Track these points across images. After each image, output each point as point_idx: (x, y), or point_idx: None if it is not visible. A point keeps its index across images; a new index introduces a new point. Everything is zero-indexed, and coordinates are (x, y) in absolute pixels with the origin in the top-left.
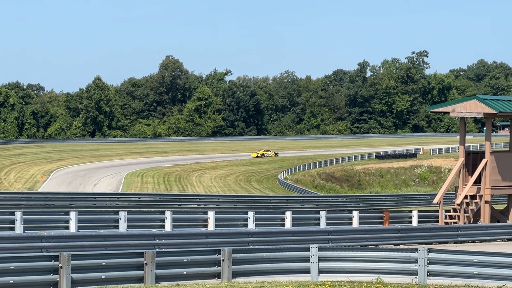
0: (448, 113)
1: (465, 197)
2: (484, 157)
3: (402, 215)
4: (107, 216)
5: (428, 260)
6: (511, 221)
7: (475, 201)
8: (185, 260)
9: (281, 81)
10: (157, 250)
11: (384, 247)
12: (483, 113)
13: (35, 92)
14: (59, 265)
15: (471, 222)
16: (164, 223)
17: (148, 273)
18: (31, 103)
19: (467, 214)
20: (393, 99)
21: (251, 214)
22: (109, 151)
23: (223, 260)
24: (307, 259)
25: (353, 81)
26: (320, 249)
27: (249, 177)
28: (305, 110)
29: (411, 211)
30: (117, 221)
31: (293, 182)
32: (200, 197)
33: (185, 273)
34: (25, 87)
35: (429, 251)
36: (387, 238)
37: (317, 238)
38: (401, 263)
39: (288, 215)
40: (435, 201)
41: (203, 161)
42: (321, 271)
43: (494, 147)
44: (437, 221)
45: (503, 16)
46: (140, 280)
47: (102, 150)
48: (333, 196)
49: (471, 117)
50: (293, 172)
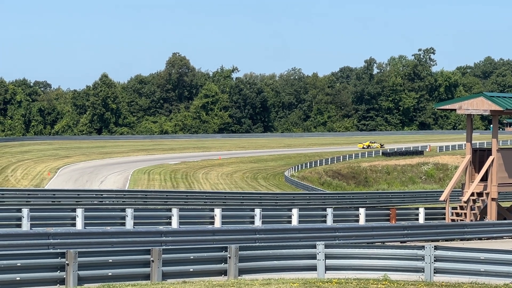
0: (455, 110)
1: (472, 195)
2: (491, 154)
3: (408, 212)
4: (113, 213)
5: (434, 257)
6: None
7: (482, 198)
8: (191, 257)
9: (288, 78)
10: (164, 247)
11: (390, 244)
12: (490, 110)
13: (42, 89)
14: (66, 262)
15: (478, 219)
16: (170, 220)
17: (154, 270)
18: (38, 100)
19: (473, 211)
20: (399, 96)
21: (257, 211)
22: (116, 148)
23: (229, 257)
24: (313, 256)
25: (359, 78)
26: (326, 246)
27: (255, 174)
28: (311, 107)
29: (417, 208)
30: (123, 218)
31: (299, 179)
32: (206, 194)
33: (191, 270)
34: (32, 84)
35: (436, 248)
36: (393, 235)
37: (324, 235)
38: (407, 260)
39: (294, 212)
40: (442, 198)
41: (209, 158)
42: (327, 268)
43: (501, 144)
44: (444, 219)
45: (510, 12)
46: (146, 277)
47: (108, 147)
48: (340, 193)
49: (478, 114)
50: (299, 169)
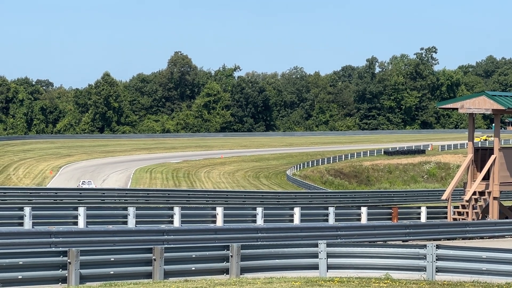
0: (456, 109)
1: (474, 193)
2: (492, 154)
3: (410, 211)
4: (115, 211)
5: (436, 256)
6: None
7: (484, 197)
8: (193, 255)
9: (290, 77)
10: (166, 245)
11: (392, 243)
12: (492, 109)
13: (44, 87)
14: (68, 260)
15: (480, 218)
16: (172, 218)
17: (156, 269)
18: (40, 98)
19: (475, 210)
20: (401, 95)
21: (259, 210)
22: (118, 147)
23: (231, 256)
24: (315, 255)
25: (361, 77)
26: (328, 245)
27: (257, 173)
28: (313, 106)
29: (419, 207)
30: (125, 216)
31: (301, 178)
32: (208, 193)
33: (193, 268)
34: (34, 83)
35: (438, 247)
36: (395, 234)
37: (326, 234)
38: (409, 259)
39: (296, 211)
40: (444, 197)
41: (211, 157)
42: (329, 267)
43: (502, 143)
44: (446, 217)
45: None
46: (148, 275)
47: (110, 146)
48: (342, 192)
49: (480, 113)
50: (301, 168)
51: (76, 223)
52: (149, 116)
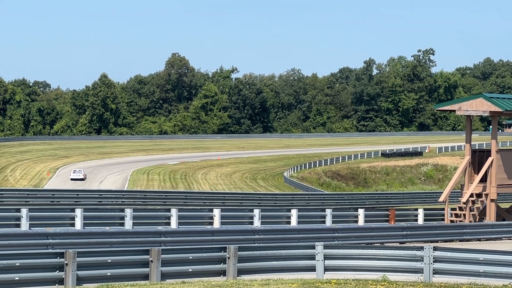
0: (454, 111)
1: (471, 196)
2: (490, 156)
3: (407, 213)
4: (113, 213)
5: (433, 258)
6: None
7: (481, 199)
8: (190, 257)
9: (287, 79)
10: (163, 247)
11: (389, 245)
12: (489, 111)
13: (41, 89)
14: (65, 262)
15: (477, 220)
16: (169, 220)
17: (153, 270)
18: (37, 100)
19: (472, 212)
20: (399, 97)
21: (256, 211)
22: (115, 148)
23: (228, 257)
24: (312, 257)
25: (359, 79)
26: (325, 247)
27: (255, 174)
28: (311, 108)
29: (417, 209)
30: (123, 218)
31: (299, 180)
32: (205, 195)
33: (190, 270)
34: (31, 84)
35: (435, 249)
36: (392, 236)
37: (323, 236)
38: (406, 261)
39: (293, 213)
40: (441, 199)
41: (209, 158)
42: (326, 269)
43: (500, 146)
44: (443, 219)
45: (510, 14)
46: (145, 277)
47: (108, 147)
48: (339, 194)
49: (477, 116)
50: (299, 170)
51: (73, 225)
52: (147, 117)
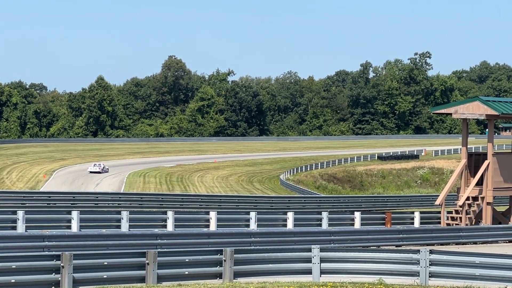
0: (450, 114)
1: (467, 199)
2: (486, 159)
3: (404, 216)
4: (109, 215)
5: (429, 261)
6: None
7: (477, 202)
8: (187, 260)
9: (284, 82)
10: (159, 250)
11: (386, 248)
12: (486, 114)
13: (38, 91)
14: (61, 264)
15: (473, 223)
16: (166, 223)
17: (150, 273)
18: (33, 102)
19: (469, 215)
20: (395, 100)
21: (253, 214)
22: (111, 150)
23: (225, 260)
24: (309, 260)
25: (355, 82)
26: (322, 250)
27: (251, 177)
28: (307, 111)
29: (413, 212)
30: (119, 220)
31: (295, 182)
32: (202, 197)
33: (187, 273)
34: (28, 87)
35: (431, 252)
36: (389, 239)
37: (319, 239)
38: (402, 264)
39: (290, 215)
40: (437, 202)
41: (205, 161)
42: (322, 272)
43: (496, 149)
44: (439, 223)
45: (506, 17)
46: (142, 280)
47: (104, 149)
48: (335, 197)
49: (474, 119)
50: (295, 172)
51: (69, 227)
52: (143, 120)
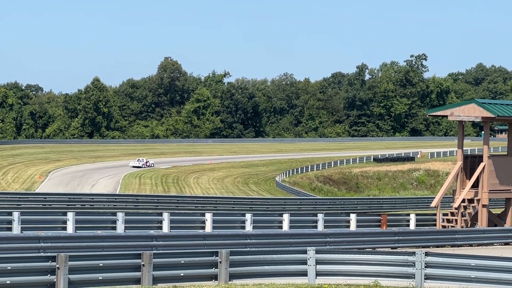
0: (446, 116)
1: (463, 201)
2: (482, 161)
3: (399, 218)
4: (104, 217)
5: (425, 263)
6: (508, 225)
7: (473, 205)
8: (182, 261)
9: (280, 84)
10: (155, 251)
11: (381, 250)
12: (482, 117)
13: (34, 92)
14: (57, 265)
15: (469, 226)
16: (161, 224)
17: (145, 275)
18: (29, 103)
19: (464, 218)
20: (391, 102)
21: (248, 216)
22: (107, 152)
23: (220, 262)
24: (304, 262)
25: (351, 84)
26: (317, 252)
27: (247, 179)
28: (303, 112)
29: (408, 215)
30: (114, 222)
31: (291, 184)
32: (197, 199)
33: (182, 274)
34: (23, 88)
35: (427, 254)
36: (384, 241)
37: (315, 240)
38: (398, 266)
39: (285, 217)
40: (433, 204)
41: (201, 162)
42: (318, 274)
43: (492, 151)
44: (435, 225)
45: (502, 20)
46: (137, 281)
47: (100, 151)
48: (331, 198)
49: (470, 121)
50: (291, 174)
51: (65, 228)
52: (139, 121)
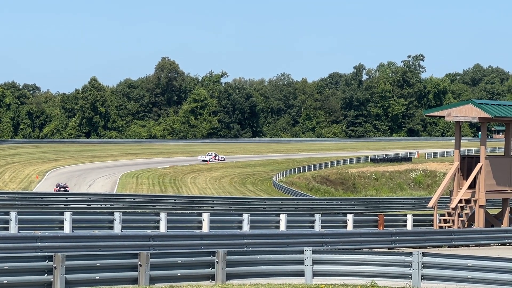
0: (443, 117)
1: (460, 201)
2: (479, 162)
3: (396, 219)
4: (101, 216)
5: (422, 264)
6: (505, 225)
7: (470, 205)
8: (179, 261)
9: (277, 84)
10: (152, 251)
11: (378, 250)
12: (479, 117)
13: (31, 92)
14: (53, 265)
15: (466, 226)
16: (158, 224)
17: (142, 274)
18: (26, 103)
19: (461, 218)
20: (388, 103)
21: (245, 216)
22: (104, 152)
23: (217, 262)
24: (301, 262)
25: (348, 84)
26: (314, 252)
27: (244, 179)
28: (300, 113)
29: (405, 215)
30: (111, 222)
31: (288, 184)
32: (194, 199)
33: (179, 274)
34: (21, 87)
35: (423, 255)
36: (381, 241)
37: (312, 241)
38: (395, 266)
39: (282, 217)
40: (430, 205)
41: (198, 162)
42: (315, 274)
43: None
44: (432, 225)
45: (499, 20)
46: (134, 281)
47: (97, 150)
48: (328, 199)
49: (467, 122)
50: (288, 174)
51: (62, 228)
52: (136, 121)
